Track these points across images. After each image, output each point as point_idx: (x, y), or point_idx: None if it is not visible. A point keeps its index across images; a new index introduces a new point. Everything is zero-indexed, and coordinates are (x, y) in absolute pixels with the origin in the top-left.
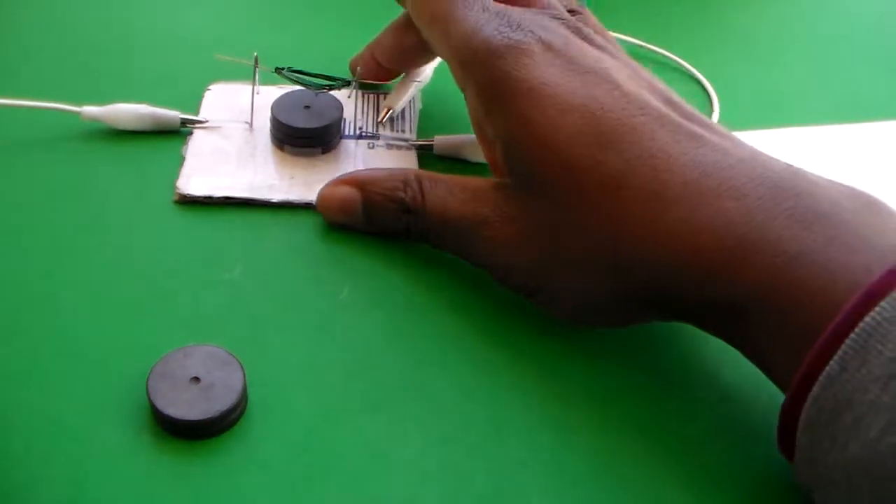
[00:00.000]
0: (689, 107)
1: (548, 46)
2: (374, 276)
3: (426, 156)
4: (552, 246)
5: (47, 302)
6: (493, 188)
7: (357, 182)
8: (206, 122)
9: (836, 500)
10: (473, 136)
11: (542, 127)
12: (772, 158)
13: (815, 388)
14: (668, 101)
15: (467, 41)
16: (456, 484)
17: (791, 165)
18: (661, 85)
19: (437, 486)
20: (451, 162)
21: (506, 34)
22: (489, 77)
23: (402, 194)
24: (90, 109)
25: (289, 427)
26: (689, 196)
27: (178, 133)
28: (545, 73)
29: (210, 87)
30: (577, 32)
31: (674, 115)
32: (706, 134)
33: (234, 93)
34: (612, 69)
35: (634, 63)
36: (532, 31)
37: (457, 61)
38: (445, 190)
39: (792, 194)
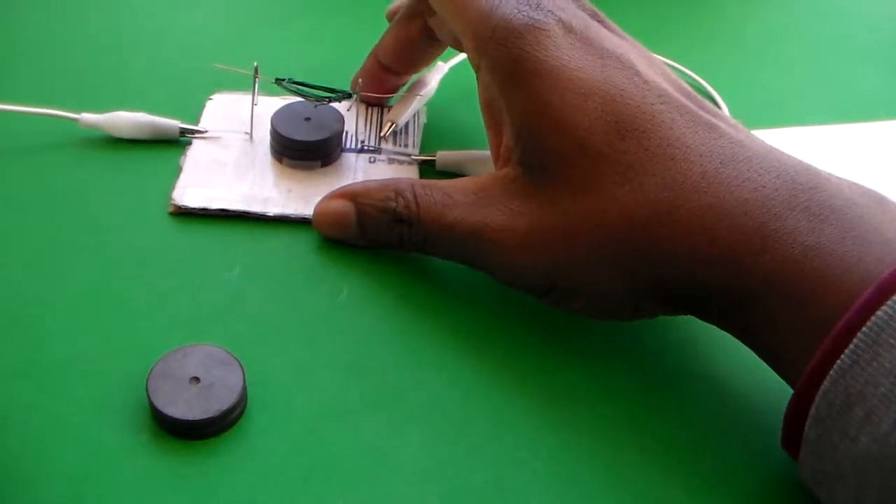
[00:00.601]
0: (702, 99)
1: (567, 28)
2: (374, 277)
3: (428, 171)
4: (565, 239)
5: (47, 303)
6: (498, 183)
7: (349, 195)
8: (206, 132)
9: (842, 496)
10: (477, 152)
11: (559, 110)
12: (784, 153)
13: (826, 382)
14: (684, 92)
15: (485, 18)
16: (456, 484)
17: (802, 161)
18: (674, 75)
19: (437, 485)
20: (454, 178)
21: (525, 13)
22: (507, 56)
23: (393, 204)
24: (88, 117)
25: (288, 426)
26: (709, 186)
27: (177, 142)
28: (565, 54)
29: (212, 97)
30: (594, 16)
31: (691, 106)
32: (722, 125)
33: (236, 103)
34: (630, 55)
35: (649, 52)
36: (551, 12)
37: (472, 38)
38: (442, 195)
39: (807, 188)
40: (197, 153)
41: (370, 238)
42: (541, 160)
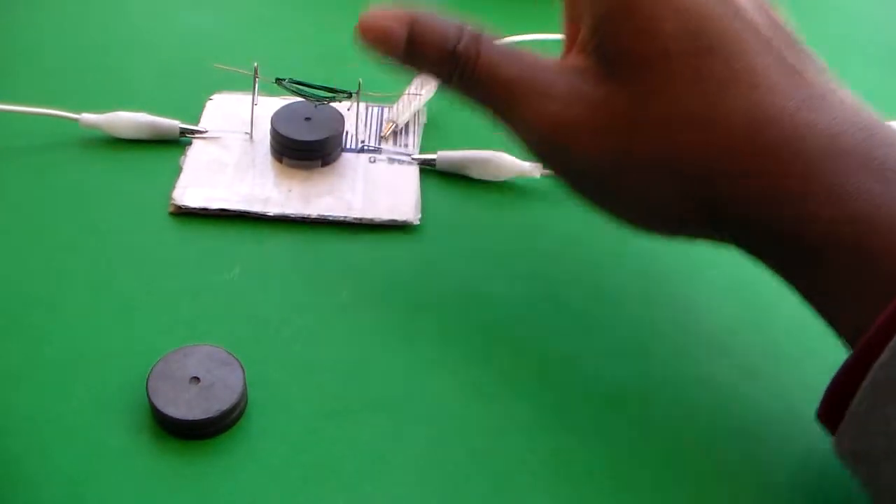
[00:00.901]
0: (793, 36)
1: None
2: (375, 277)
3: (428, 171)
4: (629, 137)
5: (47, 303)
6: (568, 65)
7: (408, 18)
8: (206, 132)
9: (889, 474)
10: (478, 152)
11: (646, 19)
12: (865, 108)
13: (886, 353)
14: (776, 26)
15: None
16: (456, 484)
17: (880, 118)
18: (776, 13)
19: (437, 486)
20: (454, 178)
21: None
22: None
23: (454, 42)
24: (89, 117)
25: (288, 427)
26: (789, 121)
27: (177, 142)
28: None
29: (212, 97)
30: None
31: (780, 45)
32: (807, 70)
33: (235, 103)
34: None
35: None
36: None
37: None
38: (509, 51)
39: (884, 144)
40: (197, 153)
41: (414, 64)
42: (619, 58)
